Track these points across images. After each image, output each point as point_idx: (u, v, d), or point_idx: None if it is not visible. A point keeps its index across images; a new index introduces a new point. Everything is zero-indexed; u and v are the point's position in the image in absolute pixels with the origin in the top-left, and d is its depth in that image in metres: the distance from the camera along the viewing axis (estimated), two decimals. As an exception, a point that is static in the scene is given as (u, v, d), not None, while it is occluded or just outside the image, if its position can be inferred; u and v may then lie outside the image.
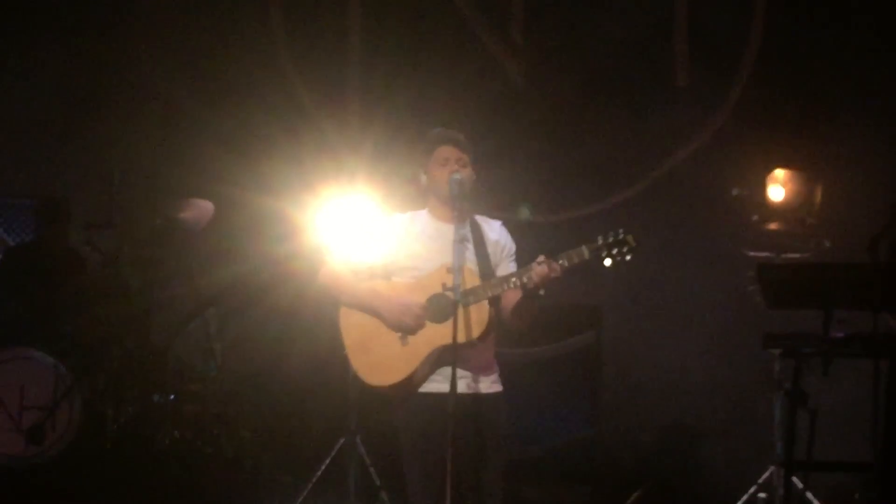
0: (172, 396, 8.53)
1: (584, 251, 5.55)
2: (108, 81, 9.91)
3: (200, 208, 8.87)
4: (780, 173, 9.07)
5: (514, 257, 5.87)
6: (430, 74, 9.77)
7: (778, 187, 9.00)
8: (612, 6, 9.80)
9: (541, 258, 5.53)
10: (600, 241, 5.55)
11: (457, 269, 5.53)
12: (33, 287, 8.83)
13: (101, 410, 8.47)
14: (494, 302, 5.70)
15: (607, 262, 5.54)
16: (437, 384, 5.68)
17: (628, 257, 5.55)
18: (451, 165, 5.81)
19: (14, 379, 8.44)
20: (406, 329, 5.69)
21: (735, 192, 9.06)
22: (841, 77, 9.57)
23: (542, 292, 5.60)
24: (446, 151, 5.84)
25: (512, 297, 5.72)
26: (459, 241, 5.63)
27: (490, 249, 5.81)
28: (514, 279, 5.61)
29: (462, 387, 5.57)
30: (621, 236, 5.54)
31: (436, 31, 9.92)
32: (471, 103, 9.69)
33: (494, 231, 5.90)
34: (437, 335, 5.64)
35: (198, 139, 9.65)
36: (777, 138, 9.53)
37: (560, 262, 5.53)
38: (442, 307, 5.64)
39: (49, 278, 8.87)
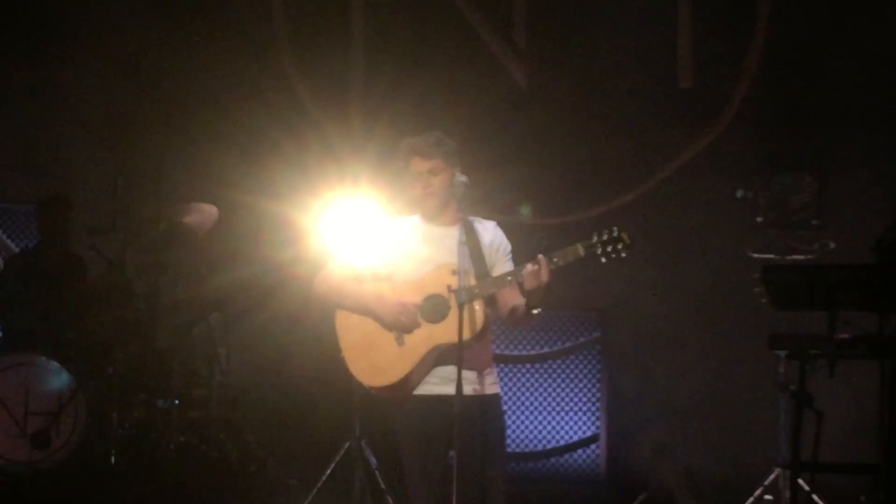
0: (177, 401, 8.51)
1: (580, 248, 5.56)
2: (111, 86, 9.90)
3: (204, 212, 8.86)
4: (783, 175, 9.07)
5: (510, 256, 5.84)
6: (434, 78, 9.77)
7: (781, 189, 9.00)
8: (615, 9, 9.79)
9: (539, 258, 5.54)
10: (595, 239, 5.56)
11: (461, 271, 5.53)
12: (37, 292, 8.82)
13: (105, 415, 8.46)
14: (490, 301, 5.70)
15: (602, 259, 5.54)
16: (434, 386, 5.67)
17: (623, 254, 5.55)
18: (423, 178, 5.79)
19: (19, 384, 8.42)
20: (402, 328, 5.68)
21: (739, 193, 9.06)
22: (845, 78, 9.57)
23: (537, 311, 5.61)
24: (416, 164, 5.81)
25: (509, 297, 5.71)
26: (458, 243, 5.62)
27: (485, 251, 5.78)
28: (508, 277, 5.62)
29: (464, 388, 5.54)
30: (616, 234, 5.55)
31: (439, 35, 9.92)
32: (474, 106, 9.70)
33: (489, 231, 5.87)
34: (433, 334, 5.64)
35: (202, 143, 9.64)
36: (781, 139, 9.52)
37: (555, 259, 5.53)
38: (436, 307, 5.64)
39: (53, 283, 8.86)
